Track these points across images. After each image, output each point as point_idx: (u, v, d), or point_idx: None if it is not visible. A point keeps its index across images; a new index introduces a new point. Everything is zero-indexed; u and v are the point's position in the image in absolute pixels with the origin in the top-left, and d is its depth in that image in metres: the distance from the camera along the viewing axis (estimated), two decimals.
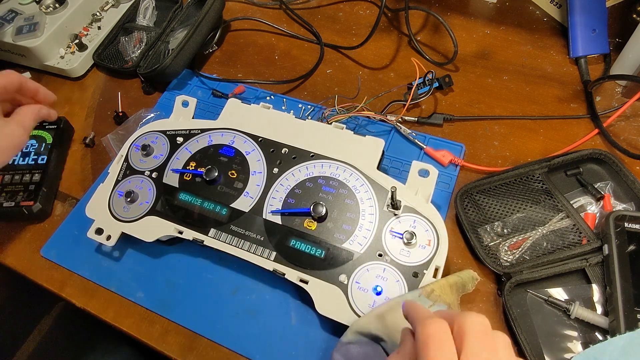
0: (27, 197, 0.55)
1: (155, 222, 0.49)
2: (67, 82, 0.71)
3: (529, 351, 0.41)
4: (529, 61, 0.62)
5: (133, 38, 0.71)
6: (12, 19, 0.70)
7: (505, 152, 0.55)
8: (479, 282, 0.46)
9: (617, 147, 0.52)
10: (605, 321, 0.41)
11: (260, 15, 0.74)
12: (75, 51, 0.70)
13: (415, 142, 0.56)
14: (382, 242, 0.45)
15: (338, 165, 0.49)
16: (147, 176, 0.52)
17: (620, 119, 0.55)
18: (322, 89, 0.64)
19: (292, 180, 0.49)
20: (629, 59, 0.56)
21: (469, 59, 0.63)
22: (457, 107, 0.59)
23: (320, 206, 0.46)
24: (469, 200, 0.50)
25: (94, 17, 0.74)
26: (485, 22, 0.67)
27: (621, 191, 0.48)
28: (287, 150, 0.51)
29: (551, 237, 0.46)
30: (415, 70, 0.55)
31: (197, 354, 0.46)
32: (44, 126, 0.62)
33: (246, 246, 0.46)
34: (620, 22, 0.63)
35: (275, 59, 0.68)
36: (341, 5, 0.74)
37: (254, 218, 0.48)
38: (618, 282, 0.41)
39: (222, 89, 0.64)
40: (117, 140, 0.61)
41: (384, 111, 0.58)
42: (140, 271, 0.51)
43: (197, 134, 0.54)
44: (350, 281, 0.43)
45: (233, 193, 0.49)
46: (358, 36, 0.68)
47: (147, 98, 0.67)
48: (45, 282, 0.52)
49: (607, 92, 0.58)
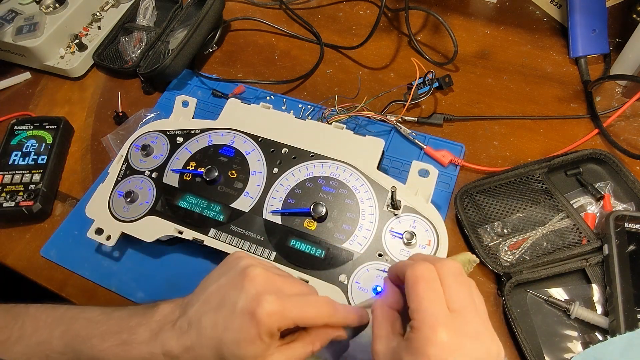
0: (27, 197, 0.55)
1: (155, 222, 0.49)
2: (67, 82, 0.71)
3: (529, 351, 0.41)
4: (529, 61, 0.62)
5: (133, 38, 0.71)
6: (12, 19, 0.70)
7: (505, 152, 0.55)
8: (480, 282, 0.46)
9: (617, 147, 0.52)
10: (605, 321, 0.41)
11: (260, 15, 0.74)
12: (75, 51, 0.70)
13: (415, 142, 0.56)
14: (382, 242, 0.45)
15: (338, 165, 0.49)
16: (147, 176, 0.52)
17: (620, 119, 0.55)
18: (322, 89, 0.64)
19: (292, 180, 0.49)
20: (629, 59, 0.56)
21: (469, 59, 0.63)
22: (457, 107, 0.59)
23: (320, 206, 0.46)
24: (469, 200, 0.50)
25: (94, 17, 0.74)
26: (485, 22, 0.67)
27: (621, 191, 0.49)
28: (287, 150, 0.51)
29: (551, 237, 0.46)
30: (415, 70, 0.55)
31: None
32: (44, 126, 0.62)
33: (246, 246, 0.46)
34: (620, 22, 0.63)
35: (275, 59, 0.68)
36: (341, 5, 0.74)
37: (254, 218, 0.48)
38: (618, 282, 0.41)
39: (222, 89, 0.64)
40: (117, 140, 0.61)
41: (384, 111, 0.58)
42: (140, 271, 0.51)
43: (197, 134, 0.54)
44: (350, 281, 0.43)
45: (233, 193, 0.49)
46: (358, 36, 0.68)
47: (147, 98, 0.67)
48: (45, 282, 0.52)
49: (607, 92, 0.58)
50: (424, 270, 0.31)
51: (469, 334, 0.29)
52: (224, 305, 0.33)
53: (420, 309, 0.30)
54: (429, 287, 0.30)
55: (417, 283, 0.31)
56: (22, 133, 0.61)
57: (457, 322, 0.29)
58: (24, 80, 0.72)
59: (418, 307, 0.30)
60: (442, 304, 0.30)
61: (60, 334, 0.37)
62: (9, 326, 0.39)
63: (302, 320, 0.33)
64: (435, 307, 0.29)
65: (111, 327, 0.37)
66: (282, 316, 0.32)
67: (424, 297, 0.30)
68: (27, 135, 0.61)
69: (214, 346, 0.33)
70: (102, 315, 0.38)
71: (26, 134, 0.61)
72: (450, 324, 0.29)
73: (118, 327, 0.36)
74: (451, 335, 0.28)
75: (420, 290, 0.30)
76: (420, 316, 0.29)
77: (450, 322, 0.29)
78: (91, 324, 0.37)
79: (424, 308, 0.29)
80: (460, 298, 0.30)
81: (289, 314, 0.32)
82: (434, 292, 0.30)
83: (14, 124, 0.62)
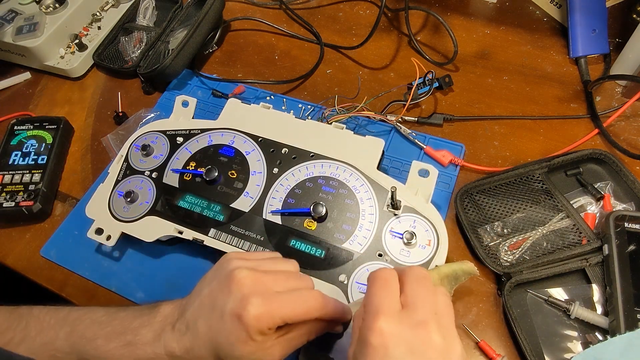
0: (27, 197, 0.55)
1: (155, 222, 0.49)
2: (67, 82, 0.71)
3: (529, 351, 0.41)
4: (529, 61, 0.62)
5: (133, 38, 0.71)
6: (12, 19, 0.70)
7: (505, 152, 0.55)
8: (480, 282, 0.46)
9: (617, 147, 0.52)
10: (605, 321, 0.41)
11: (260, 15, 0.74)
12: (75, 51, 0.70)
13: (415, 142, 0.56)
14: (382, 242, 0.45)
15: (338, 165, 0.49)
16: (147, 176, 0.52)
17: (620, 119, 0.55)
18: (322, 89, 0.64)
19: (292, 180, 0.49)
20: (629, 59, 0.56)
21: (469, 59, 0.63)
22: (457, 107, 0.59)
23: (320, 206, 0.46)
24: (469, 200, 0.50)
25: (94, 17, 0.74)
26: (485, 22, 0.67)
27: (621, 191, 0.48)
28: (287, 150, 0.51)
29: (551, 237, 0.46)
30: (415, 70, 0.55)
31: None
32: (44, 126, 0.62)
33: (246, 246, 0.46)
34: (620, 22, 0.63)
35: (275, 59, 0.68)
36: (341, 5, 0.74)
37: (254, 218, 0.48)
38: (618, 282, 0.41)
39: (222, 89, 0.64)
40: (117, 140, 0.61)
41: (384, 111, 0.58)
42: (140, 271, 0.51)
43: (197, 134, 0.54)
44: (350, 281, 0.43)
45: (233, 193, 0.49)
46: (358, 36, 0.68)
47: (147, 98, 0.67)
48: (45, 282, 0.52)
49: (607, 92, 0.58)
50: (383, 271, 0.33)
51: (412, 324, 0.29)
52: (214, 309, 0.34)
53: (368, 302, 0.31)
54: (382, 284, 0.32)
55: (373, 281, 0.33)
56: (22, 133, 0.61)
57: (404, 314, 0.30)
58: (24, 80, 0.72)
59: (367, 301, 0.32)
60: (392, 299, 0.31)
61: (65, 335, 0.38)
62: (12, 327, 0.39)
63: (291, 318, 0.33)
64: (382, 300, 0.30)
65: (115, 328, 0.37)
66: (270, 317, 0.32)
67: (375, 293, 0.31)
68: (27, 135, 0.61)
69: (211, 348, 0.34)
70: (106, 316, 0.38)
71: (26, 134, 0.61)
72: (394, 314, 0.30)
73: (122, 328, 0.37)
74: (392, 324, 0.29)
75: (374, 287, 0.32)
76: (367, 309, 0.31)
77: (394, 313, 0.30)
78: (95, 324, 0.38)
79: (371, 301, 0.31)
80: (415, 295, 0.31)
81: (276, 314, 0.33)
82: (386, 290, 0.32)
83: (14, 124, 0.62)
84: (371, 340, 0.29)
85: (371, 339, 0.29)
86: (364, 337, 0.29)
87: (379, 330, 0.29)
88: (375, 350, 0.29)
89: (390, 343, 0.28)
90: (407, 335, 0.29)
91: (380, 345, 0.28)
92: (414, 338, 0.29)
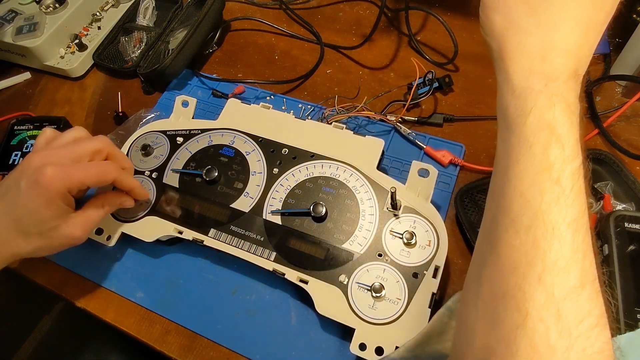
0: None
1: (155, 222, 0.49)
2: (67, 82, 0.71)
3: None
4: None
5: (133, 38, 0.71)
6: (12, 19, 0.70)
7: None
8: None
9: (617, 147, 0.52)
10: None
11: (260, 15, 0.74)
12: (75, 51, 0.70)
13: (415, 142, 0.56)
14: (382, 242, 0.45)
15: (338, 166, 0.49)
16: (147, 176, 0.52)
17: (620, 119, 0.55)
18: (322, 89, 0.64)
19: (292, 181, 0.49)
20: (629, 59, 0.56)
21: (469, 59, 0.63)
22: (457, 107, 0.59)
23: (320, 206, 0.46)
24: (469, 200, 0.50)
25: (94, 17, 0.74)
26: None
27: (621, 191, 0.48)
28: (287, 151, 0.51)
29: None
30: (415, 70, 0.55)
31: (197, 354, 0.46)
32: (44, 126, 0.61)
33: (246, 246, 0.46)
34: (620, 22, 0.63)
35: (275, 59, 0.68)
36: (341, 5, 0.74)
37: (254, 218, 0.48)
38: (618, 282, 0.41)
39: (222, 89, 0.64)
40: (117, 140, 0.61)
41: (384, 111, 0.58)
42: (140, 271, 0.51)
43: (197, 134, 0.54)
44: (350, 281, 0.43)
45: (233, 193, 0.49)
46: (358, 36, 0.68)
47: (147, 98, 0.67)
48: (45, 282, 0.52)
49: (607, 92, 0.57)
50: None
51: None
52: (9, 190, 0.37)
53: None
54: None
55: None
56: (22, 133, 0.61)
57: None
58: (24, 80, 0.72)
59: None
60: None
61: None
62: None
63: (88, 179, 0.38)
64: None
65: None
66: (66, 176, 0.36)
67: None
68: (27, 135, 0.61)
69: (14, 227, 0.36)
70: None
71: (26, 134, 0.61)
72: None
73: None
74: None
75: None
76: None
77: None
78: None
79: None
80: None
81: (72, 175, 0.36)
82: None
83: (14, 124, 0.62)
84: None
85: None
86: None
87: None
88: None
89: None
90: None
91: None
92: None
